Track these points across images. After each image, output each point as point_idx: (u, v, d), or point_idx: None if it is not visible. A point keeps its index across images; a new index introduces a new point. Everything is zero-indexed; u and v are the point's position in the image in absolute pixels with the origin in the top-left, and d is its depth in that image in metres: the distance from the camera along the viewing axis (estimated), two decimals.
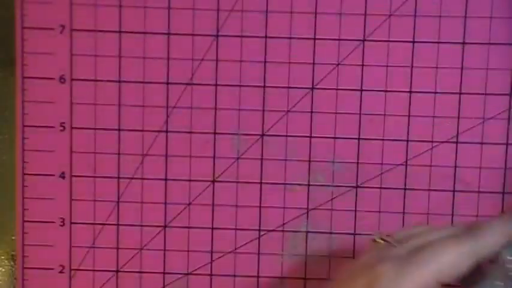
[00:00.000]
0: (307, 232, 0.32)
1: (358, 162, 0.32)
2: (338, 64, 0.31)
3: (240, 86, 0.32)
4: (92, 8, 0.32)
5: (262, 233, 0.32)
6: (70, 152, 0.32)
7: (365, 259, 0.23)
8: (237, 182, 0.32)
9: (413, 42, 0.31)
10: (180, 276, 0.33)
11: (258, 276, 0.33)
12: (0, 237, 0.33)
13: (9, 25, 0.32)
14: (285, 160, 0.32)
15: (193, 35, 0.32)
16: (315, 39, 0.31)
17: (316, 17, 0.31)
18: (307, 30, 0.31)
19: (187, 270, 0.33)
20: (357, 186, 0.32)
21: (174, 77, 0.32)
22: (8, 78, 0.32)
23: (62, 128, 0.32)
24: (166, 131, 0.32)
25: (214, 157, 0.32)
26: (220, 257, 0.33)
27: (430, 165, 0.32)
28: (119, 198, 0.32)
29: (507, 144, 0.31)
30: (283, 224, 0.32)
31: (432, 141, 0.31)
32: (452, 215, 0.32)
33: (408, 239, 0.23)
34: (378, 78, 0.31)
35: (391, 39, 0.31)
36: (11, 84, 0.32)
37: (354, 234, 0.32)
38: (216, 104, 0.32)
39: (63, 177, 0.32)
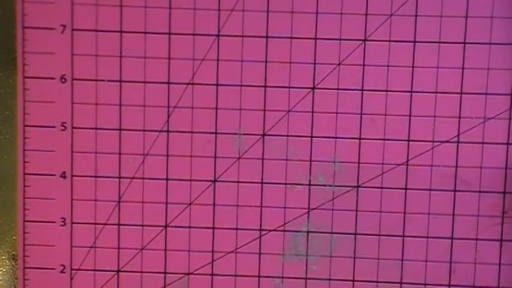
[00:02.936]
0: (308, 232, 0.32)
1: (359, 162, 0.32)
2: (339, 64, 0.31)
3: (241, 86, 0.32)
4: (93, 7, 0.32)
5: (263, 233, 0.32)
6: (71, 152, 0.32)
7: None
8: (238, 182, 0.32)
9: (414, 42, 0.31)
10: (180, 276, 0.33)
11: (258, 276, 0.33)
12: (1, 237, 0.33)
13: (10, 25, 0.32)
14: (286, 160, 0.32)
15: (194, 34, 0.32)
16: (316, 39, 0.31)
17: (317, 17, 0.31)
18: (308, 30, 0.31)
19: (188, 270, 0.33)
20: (357, 186, 0.32)
21: (175, 76, 0.32)
22: (8, 78, 0.32)
23: (63, 128, 0.32)
24: (168, 131, 0.32)
25: (215, 157, 0.32)
26: (221, 257, 0.33)
27: (431, 165, 0.32)
28: (119, 198, 0.32)
29: (508, 144, 0.31)
30: (284, 224, 0.32)
31: (433, 141, 0.31)
32: (453, 215, 0.32)
33: None
34: (379, 78, 0.31)
35: (392, 39, 0.31)
36: (11, 84, 0.32)
37: (355, 234, 0.32)
38: (217, 104, 0.32)
39: (64, 177, 0.32)
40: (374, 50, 0.31)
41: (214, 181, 0.32)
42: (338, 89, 0.32)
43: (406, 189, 0.32)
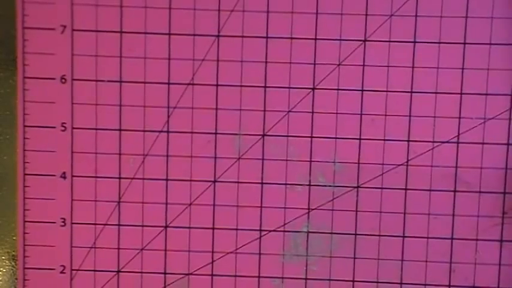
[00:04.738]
0: (308, 232, 0.32)
1: (359, 163, 0.32)
2: (339, 64, 0.31)
3: (241, 86, 0.32)
4: (93, 8, 0.32)
5: (263, 233, 0.32)
6: (71, 152, 0.32)
7: None
8: (238, 182, 0.32)
9: (414, 42, 0.31)
10: (180, 276, 0.33)
11: (258, 277, 0.33)
12: (1, 238, 0.33)
13: (10, 25, 0.32)
14: (286, 160, 0.32)
15: (194, 35, 0.32)
16: (316, 39, 0.31)
17: (317, 17, 0.31)
18: (308, 30, 0.31)
19: (188, 270, 0.33)
20: (357, 187, 0.32)
21: (175, 77, 0.32)
22: (8, 78, 0.32)
23: (63, 128, 0.32)
24: (168, 131, 0.32)
25: (215, 157, 0.32)
26: (221, 257, 0.33)
27: (431, 166, 0.32)
28: (119, 199, 0.32)
29: (508, 144, 0.31)
30: (284, 224, 0.32)
31: (433, 142, 0.31)
32: (453, 215, 0.32)
33: None
34: (379, 78, 0.31)
35: (392, 39, 0.31)
36: (11, 84, 0.32)
37: (355, 234, 0.32)
38: (217, 104, 0.32)
39: (64, 178, 0.32)
40: (374, 50, 0.31)
41: (214, 181, 0.32)
42: (338, 89, 0.32)
43: (406, 189, 0.32)
